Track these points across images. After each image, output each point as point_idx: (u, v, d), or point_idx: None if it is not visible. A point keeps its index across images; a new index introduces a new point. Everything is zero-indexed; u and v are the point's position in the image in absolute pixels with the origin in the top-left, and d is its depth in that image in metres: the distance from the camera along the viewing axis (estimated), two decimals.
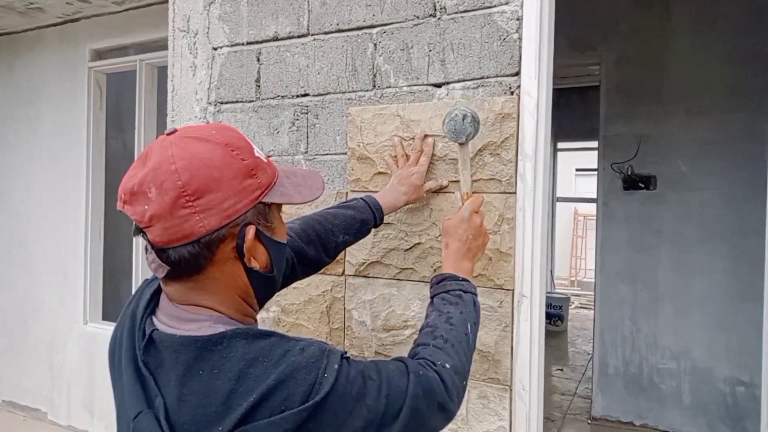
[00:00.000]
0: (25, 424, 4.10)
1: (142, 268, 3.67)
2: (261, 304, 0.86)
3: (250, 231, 0.77)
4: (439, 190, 1.42)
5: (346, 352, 0.78)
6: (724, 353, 3.73)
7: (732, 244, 3.69)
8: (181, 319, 0.76)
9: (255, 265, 0.79)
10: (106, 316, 4.02)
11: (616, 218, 4.08)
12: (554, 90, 6.07)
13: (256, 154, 0.79)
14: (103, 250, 4.02)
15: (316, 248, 1.16)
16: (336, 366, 0.73)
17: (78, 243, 3.93)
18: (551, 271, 8.84)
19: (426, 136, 1.43)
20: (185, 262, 0.74)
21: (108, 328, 3.82)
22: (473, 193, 1.24)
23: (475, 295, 1.08)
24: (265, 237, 0.80)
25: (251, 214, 0.77)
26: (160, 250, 0.73)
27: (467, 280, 1.09)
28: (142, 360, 0.75)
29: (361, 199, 1.30)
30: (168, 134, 0.78)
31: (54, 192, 4.06)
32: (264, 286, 0.83)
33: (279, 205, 0.83)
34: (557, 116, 8.51)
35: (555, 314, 7.08)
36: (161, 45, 3.59)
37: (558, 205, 9.18)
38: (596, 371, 4.15)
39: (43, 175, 4.13)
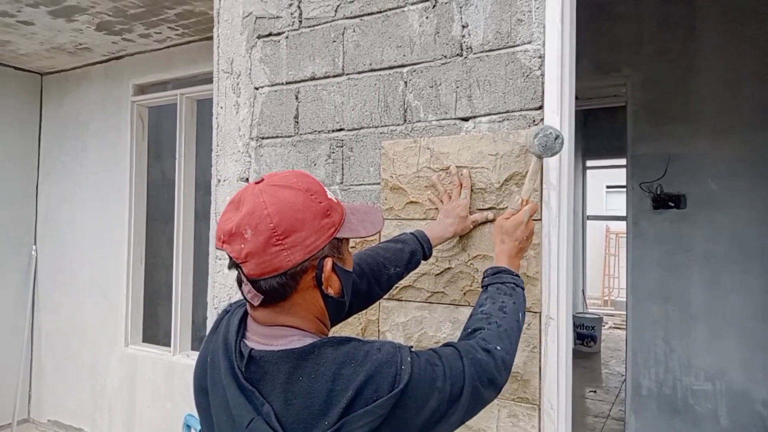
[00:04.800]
0: None
1: (182, 293, 3.82)
2: (333, 325, 0.98)
3: (328, 263, 0.90)
4: (485, 222, 1.50)
5: (411, 347, 0.90)
6: (762, 374, 3.67)
7: (765, 263, 3.66)
8: (273, 337, 0.88)
9: (330, 292, 0.92)
10: (146, 338, 4.18)
11: (646, 237, 4.08)
12: (582, 110, 6.15)
13: (329, 197, 0.92)
14: (143, 275, 4.19)
15: (369, 282, 1.25)
16: (409, 359, 0.86)
17: (120, 268, 4.11)
18: (583, 291, 8.75)
19: (458, 168, 1.51)
20: (274, 291, 0.87)
21: (147, 350, 3.98)
22: (531, 201, 1.34)
23: (524, 289, 1.20)
24: (338, 267, 0.92)
25: (327, 248, 0.90)
26: (253, 282, 0.86)
27: (519, 276, 1.21)
28: (244, 376, 0.86)
29: (410, 233, 1.40)
30: (257, 183, 0.90)
31: (98, 219, 4.27)
32: (336, 310, 0.96)
33: (347, 239, 0.95)
34: (585, 135, 8.55)
35: (587, 335, 7.00)
36: (200, 80, 3.79)
37: (588, 223, 9.11)
38: (629, 393, 4.12)
39: (88, 204, 4.34)
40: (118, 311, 4.11)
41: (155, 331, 4.37)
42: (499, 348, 1.00)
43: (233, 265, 0.88)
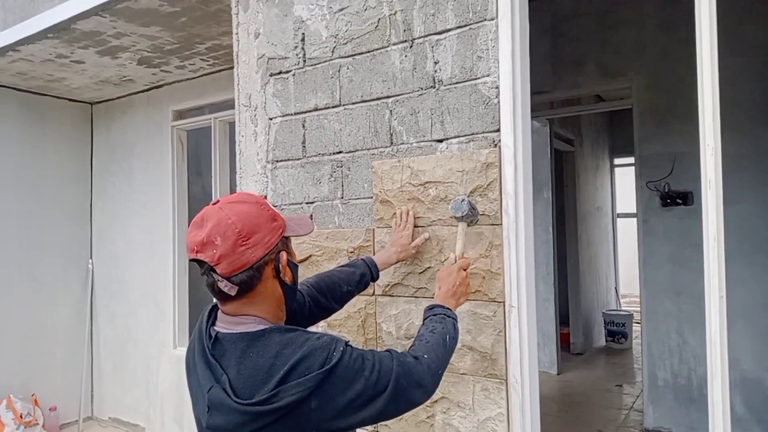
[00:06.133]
0: None
1: None
2: (288, 311, 1.24)
3: (284, 256, 1.17)
4: (420, 245, 1.85)
5: (349, 341, 1.15)
6: None
7: None
8: (236, 323, 1.14)
9: (287, 279, 1.18)
10: None
11: (656, 234, 4.24)
12: (607, 112, 6.33)
13: (272, 207, 1.20)
14: (188, 283, 4.60)
15: (326, 297, 1.55)
16: (341, 348, 1.08)
17: (167, 277, 4.53)
18: (615, 288, 8.79)
19: (408, 210, 1.86)
20: (244, 283, 1.10)
21: None
22: (464, 256, 1.63)
23: (455, 320, 1.42)
24: (289, 260, 1.20)
25: (280, 244, 1.16)
26: (228, 278, 1.11)
27: (450, 309, 1.46)
28: (210, 353, 1.11)
29: (361, 259, 1.72)
30: (213, 204, 1.16)
31: (145, 234, 4.71)
32: (290, 296, 1.22)
33: (290, 238, 1.23)
34: (612, 134, 8.59)
35: (618, 332, 7.05)
36: (230, 104, 4.16)
37: (620, 221, 9.12)
38: (646, 384, 4.28)
39: (136, 220, 4.79)
40: (166, 317, 4.53)
41: None
42: (426, 357, 1.22)
43: (206, 270, 1.10)
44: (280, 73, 2.27)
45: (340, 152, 2.09)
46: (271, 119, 2.29)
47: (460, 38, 1.80)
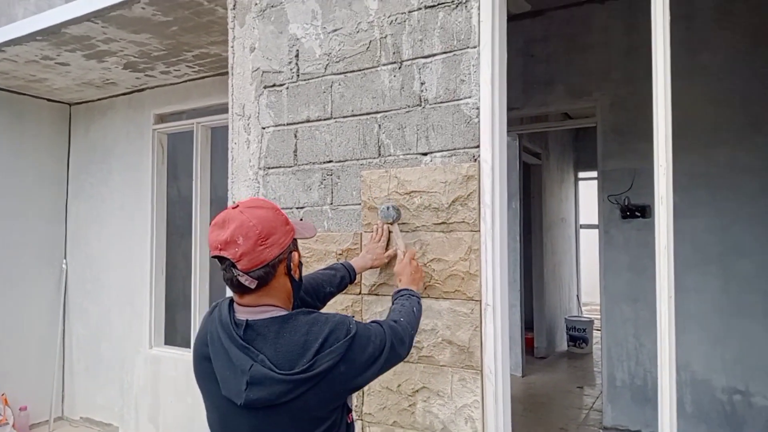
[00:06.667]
0: None
1: (200, 300, 4.30)
2: (294, 303, 1.41)
3: (296, 255, 1.36)
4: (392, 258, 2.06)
5: (353, 317, 1.39)
6: (720, 365, 4.08)
7: (721, 265, 4.07)
8: (260, 312, 1.29)
9: (296, 276, 1.36)
10: (167, 341, 4.65)
11: (616, 244, 4.52)
12: (573, 128, 6.73)
13: (283, 212, 1.37)
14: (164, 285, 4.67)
15: (311, 296, 1.73)
16: (354, 322, 1.31)
17: (144, 278, 4.59)
18: (577, 296, 9.15)
19: (384, 223, 2.05)
20: (262, 278, 1.27)
21: (169, 351, 4.46)
22: (407, 249, 1.93)
23: (419, 298, 1.71)
24: (300, 259, 1.39)
25: (291, 245, 1.34)
26: (247, 273, 1.26)
27: (413, 290, 1.73)
28: (242, 338, 1.24)
29: (341, 263, 1.93)
30: (233, 208, 1.32)
31: (123, 235, 4.76)
32: (297, 291, 1.40)
33: (296, 240, 1.41)
34: (576, 149, 8.96)
35: (579, 337, 7.36)
36: (213, 110, 4.29)
37: (582, 232, 9.49)
38: (605, 384, 4.54)
39: (113, 221, 4.84)
40: (142, 317, 4.59)
41: (174, 334, 4.82)
42: (402, 320, 1.49)
43: (228, 266, 1.26)
44: (274, 85, 2.42)
45: (330, 161, 2.26)
46: (264, 128, 2.44)
47: (445, 63, 1.99)
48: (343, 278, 1.89)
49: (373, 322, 1.41)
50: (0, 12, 4.97)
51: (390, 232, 2.04)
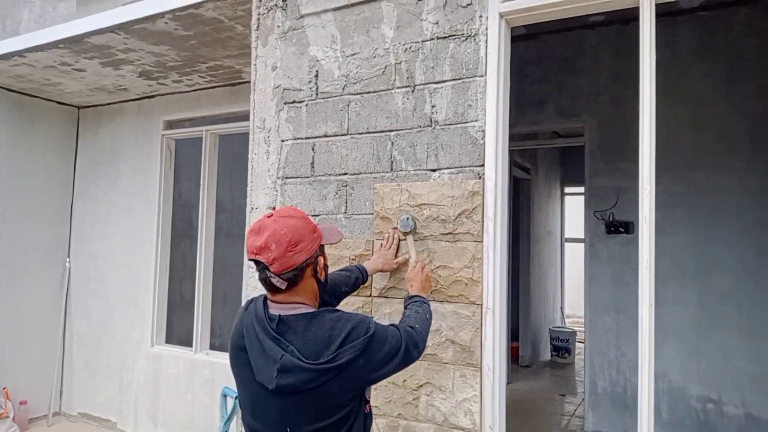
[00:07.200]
0: None
1: (203, 301, 4.46)
2: (320, 301, 1.60)
3: (321, 260, 1.54)
4: (403, 264, 2.28)
5: (373, 317, 1.58)
6: (696, 375, 4.33)
7: (699, 280, 4.33)
8: (289, 309, 1.48)
9: (322, 278, 1.55)
10: (168, 340, 4.80)
11: (600, 258, 4.77)
12: (561, 147, 7.05)
13: (312, 221, 1.57)
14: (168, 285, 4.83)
15: (329, 295, 1.85)
16: (374, 322, 1.49)
17: (148, 278, 4.75)
18: (561, 307, 9.42)
19: (394, 229, 2.27)
20: (291, 279, 1.46)
21: (171, 350, 4.62)
22: (419, 259, 2.12)
23: (428, 304, 1.87)
24: (325, 263, 1.58)
25: (318, 250, 1.53)
26: (279, 275, 1.47)
27: (425, 297, 1.91)
28: (275, 331, 1.44)
29: (355, 265, 2.12)
30: (268, 216, 1.52)
31: (129, 236, 4.91)
32: (323, 290, 1.58)
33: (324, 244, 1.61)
34: (564, 165, 9.25)
35: (563, 347, 7.61)
36: (223, 119, 4.49)
37: (567, 245, 9.77)
38: (587, 392, 4.77)
39: (119, 222, 4.99)
40: (145, 315, 4.74)
41: (170, 335, 4.96)
42: (417, 327, 1.65)
43: (262, 268, 1.45)
44: (294, 102, 2.63)
45: (345, 174, 2.46)
46: (283, 141, 2.64)
47: (455, 89, 2.22)
48: (357, 279, 2.08)
49: (391, 324, 1.60)
50: (5, 14, 5.14)
51: (401, 240, 2.25)
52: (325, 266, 1.59)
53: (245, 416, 1.55)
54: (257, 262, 1.47)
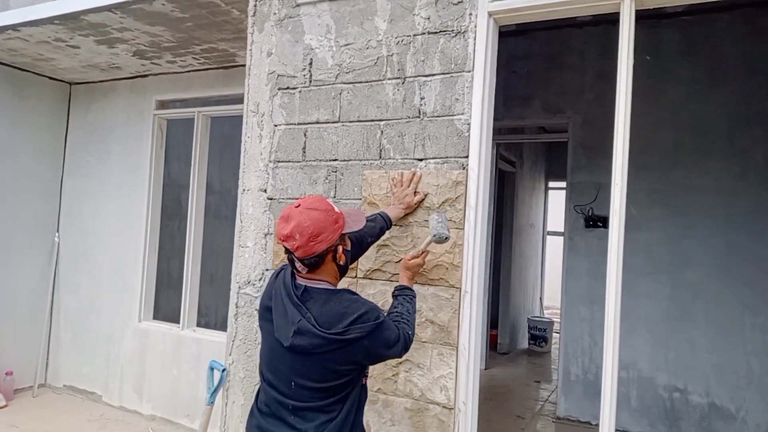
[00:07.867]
0: (83, 404, 4.93)
1: (191, 279, 4.55)
2: (340, 279, 1.79)
3: (340, 249, 1.73)
4: (421, 202, 2.33)
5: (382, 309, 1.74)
6: (664, 365, 4.52)
7: (671, 275, 4.51)
8: (314, 282, 1.70)
9: (341, 262, 1.74)
10: (156, 316, 4.89)
11: (578, 250, 4.93)
12: (547, 143, 7.20)
13: (336, 210, 1.72)
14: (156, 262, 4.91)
15: (355, 247, 2.01)
16: (383, 313, 1.71)
17: (137, 255, 4.82)
18: (540, 298, 9.63)
19: (414, 171, 2.34)
20: (312, 264, 1.68)
21: (159, 326, 4.71)
22: (424, 251, 2.16)
23: (415, 296, 2.00)
24: (345, 250, 1.75)
25: (338, 240, 1.70)
26: (301, 260, 1.67)
27: (413, 289, 2.03)
28: (299, 298, 1.66)
29: (379, 214, 2.20)
30: (296, 207, 1.69)
31: (119, 213, 4.98)
32: (343, 272, 1.80)
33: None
34: (549, 159, 9.41)
35: (540, 336, 7.81)
36: (215, 101, 4.55)
37: (548, 238, 9.97)
38: (561, 378, 4.95)
39: (110, 199, 5.04)
40: (133, 292, 4.82)
41: (159, 311, 5.04)
42: (410, 333, 1.82)
43: (289, 251, 1.67)
44: (287, 88, 2.72)
45: (335, 160, 2.57)
46: (276, 126, 2.74)
47: (443, 82, 2.33)
48: (382, 228, 2.20)
49: (394, 321, 1.78)
50: None
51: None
52: (345, 251, 1.77)
53: (261, 366, 1.79)
54: (285, 247, 1.69)
